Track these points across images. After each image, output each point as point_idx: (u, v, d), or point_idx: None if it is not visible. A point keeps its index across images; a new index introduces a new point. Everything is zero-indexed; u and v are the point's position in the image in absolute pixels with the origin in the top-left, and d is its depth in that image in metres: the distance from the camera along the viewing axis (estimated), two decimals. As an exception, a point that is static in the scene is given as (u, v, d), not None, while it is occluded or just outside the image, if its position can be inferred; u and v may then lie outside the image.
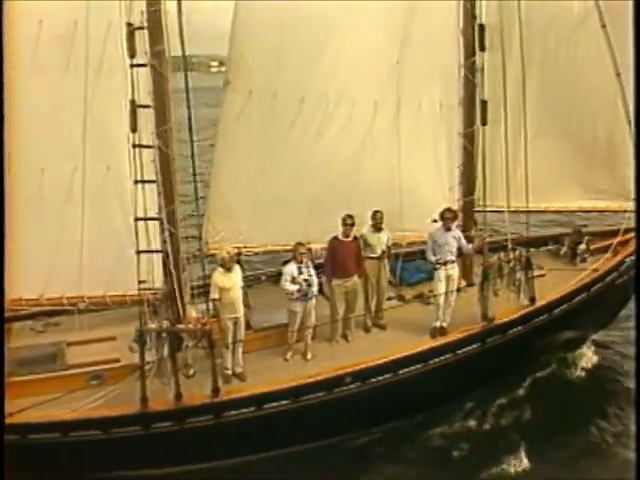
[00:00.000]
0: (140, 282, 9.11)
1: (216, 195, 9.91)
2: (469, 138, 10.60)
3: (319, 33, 9.56)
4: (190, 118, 8.36)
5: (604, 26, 10.38)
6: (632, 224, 10.81)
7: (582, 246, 11.38)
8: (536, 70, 10.38)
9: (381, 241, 9.98)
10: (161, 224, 9.33)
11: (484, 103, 9.90)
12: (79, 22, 8.58)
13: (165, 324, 8.53)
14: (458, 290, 10.21)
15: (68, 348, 9.28)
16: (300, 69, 9.63)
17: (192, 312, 9.17)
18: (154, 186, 9.15)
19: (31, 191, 8.93)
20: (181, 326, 8.55)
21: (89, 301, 9.58)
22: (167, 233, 9.23)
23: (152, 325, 8.45)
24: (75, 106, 8.76)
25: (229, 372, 8.98)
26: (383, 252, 10.05)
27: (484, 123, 9.90)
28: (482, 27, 10.25)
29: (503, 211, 10.39)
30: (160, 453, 8.55)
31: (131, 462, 8.50)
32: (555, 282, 10.61)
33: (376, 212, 9.89)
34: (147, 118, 8.93)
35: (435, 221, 10.18)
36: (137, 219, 8.54)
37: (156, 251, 9.05)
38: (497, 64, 10.07)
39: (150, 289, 9.39)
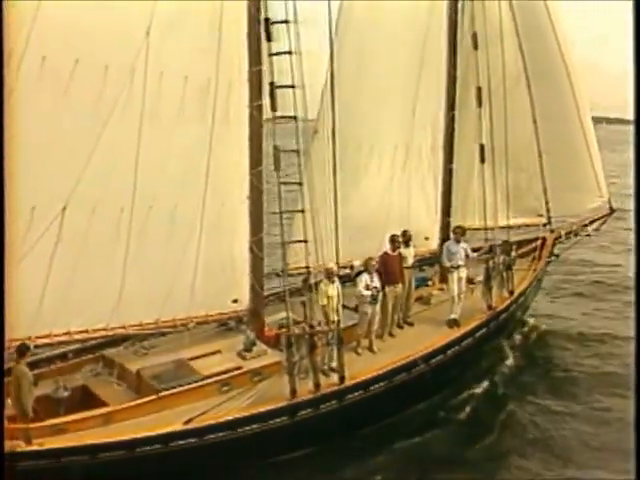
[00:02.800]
0: (234, 301, 10.86)
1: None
2: (448, 173, 13.72)
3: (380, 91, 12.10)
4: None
5: (529, 86, 14.16)
6: (542, 234, 14.83)
7: (512, 253, 14.93)
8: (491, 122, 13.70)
9: (411, 254, 12.63)
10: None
11: (482, 146, 13.05)
12: (211, 79, 10.19)
13: (306, 328, 10.25)
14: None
15: (192, 363, 10.52)
16: (366, 121, 12.00)
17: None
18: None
19: (164, 225, 10.21)
20: (319, 328, 10.36)
21: (195, 321, 10.93)
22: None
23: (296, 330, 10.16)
24: (202, 149, 10.31)
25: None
26: (412, 263, 12.70)
27: (482, 161, 13.04)
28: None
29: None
30: (302, 437, 10.24)
31: (282, 447, 10.08)
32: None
33: (405, 231, 12.55)
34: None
35: (427, 239, 13.15)
36: (284, 243, 10.20)
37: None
38: (468, 117, 13.41)
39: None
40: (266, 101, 10.58)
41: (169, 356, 10.58)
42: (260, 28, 10.39)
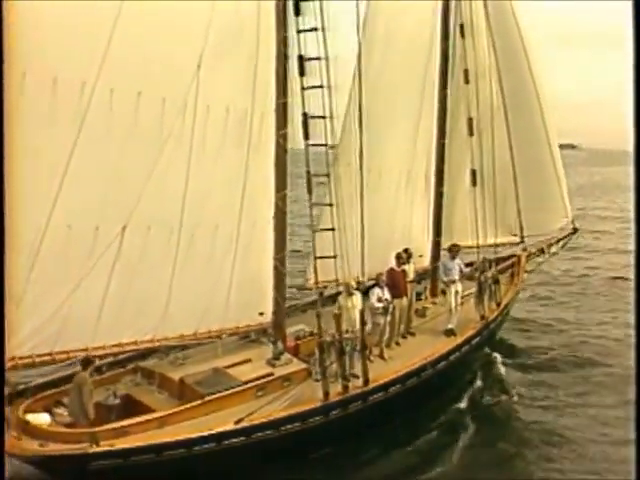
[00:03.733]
0: (260, 314, 11.89)
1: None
2: (439, 196, 15.07)
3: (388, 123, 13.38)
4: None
5: (506, 117, 15.68)
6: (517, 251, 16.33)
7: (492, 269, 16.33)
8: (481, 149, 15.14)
9: (412, 269, 13.85)
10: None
11: (473, 171, 14.44)
12: (247, 110, 11.24)
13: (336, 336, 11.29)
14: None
15: (228, 370, 11.40)
16: (376, 150, 13.21)
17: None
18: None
19: (206, 244, 11.17)
20: (347, 335, 11.41)
21: (227, 332, 11.86)
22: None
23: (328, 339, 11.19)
24: (239, 175, 11.33)
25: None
26: (413, 278, 13.93)
27: (474, 184, 14.42)
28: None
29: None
30: (333, 435, 11.24)
31: (316, 445, 11.05)
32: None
33: (407, 249, 13.77)
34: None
35: (421, 256, 14.45)
36: (316, 257, 11.24)
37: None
38: (457, 145, 14.85)
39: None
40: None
41: (204, 365, 11.36)
42: (287, 63, 11.45)
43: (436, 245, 15.44)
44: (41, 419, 9.78)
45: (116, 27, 9.36)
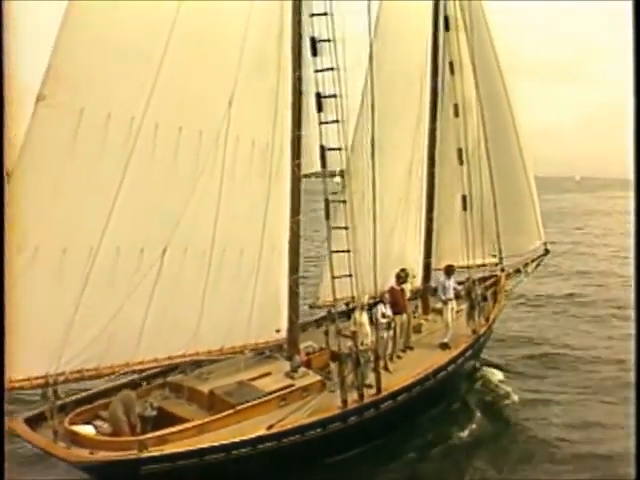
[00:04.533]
0: (277, 331, 12.89)
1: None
2: (429, 221, 16.31)
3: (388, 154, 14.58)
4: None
5: (487, 147, 17.05)
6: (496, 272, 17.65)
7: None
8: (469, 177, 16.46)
9: (409, 288, 14.98)
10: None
11: (464, 197, 15.70)
12: (269, 142, 12.30)
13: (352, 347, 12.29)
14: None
15: (253, 383, 12.28)
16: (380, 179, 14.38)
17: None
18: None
19: (233, 266, 12.12)
20: (362, 347, 12.42)
21: (249, 348, 12.77)
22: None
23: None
24: (262, 202, 12.36)
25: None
26: (410, 296, 15.06)
27: (465, 208, 15.67)
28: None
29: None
30: (351, 439, 12.18)
31: (336, 449, 11.99)
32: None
33: (404, 269, 14.90)
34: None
35: (414, 277, 15.64)
36: (334, 277, 12.25)
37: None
38: (445, 173, 16.15)
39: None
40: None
41: (228, 379, 12.18)
42: (302, 99, 12.56)
43: (426, 266, 16.60)
44: (87, 430, 10.51)
45: (162, 67, 10.32)
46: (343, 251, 12.21)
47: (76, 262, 10.04)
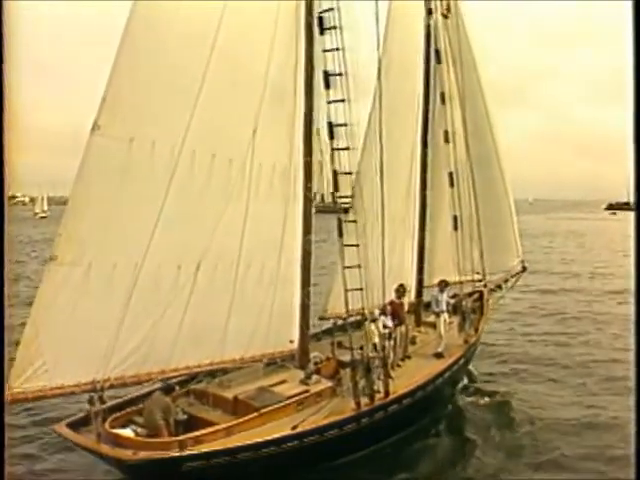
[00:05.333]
0: (291, 341, 13.97)
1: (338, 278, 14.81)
2: (422, 239, 17.60)
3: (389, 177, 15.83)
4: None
5: (472, 171, 18.44)
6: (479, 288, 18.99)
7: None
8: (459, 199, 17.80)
9: (406, 302, 16.19)
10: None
11: (455, 217, 17.02)
12: (287, 166, 13.44)
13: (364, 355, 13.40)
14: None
15: (272, 389, 13.28)
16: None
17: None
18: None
19: (255, 279, 13.17)
20: (372, 355, 13.54)
21: (267, 357, 13.80)
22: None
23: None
24: (280, 220, 13.47)
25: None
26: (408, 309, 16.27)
27: (456, 228, 16.98)
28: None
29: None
30: (363, 439, 13.25)
31: (350, 448, 13.03)
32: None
33: (402, 284, 16.12)
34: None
35: (409, 291, 16.88)
36: (347, 289, 13.38)
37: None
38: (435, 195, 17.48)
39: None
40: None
41: (248, 386, 13.11)
42: (312, 127, 13.73)
43: (419, 282, 17.84)
44: (126, 432, 11.43)
45: (198, 99, 11.44)
46: (354, 266, 13.30)
47: (123, 277, 11.02)
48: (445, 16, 17.44)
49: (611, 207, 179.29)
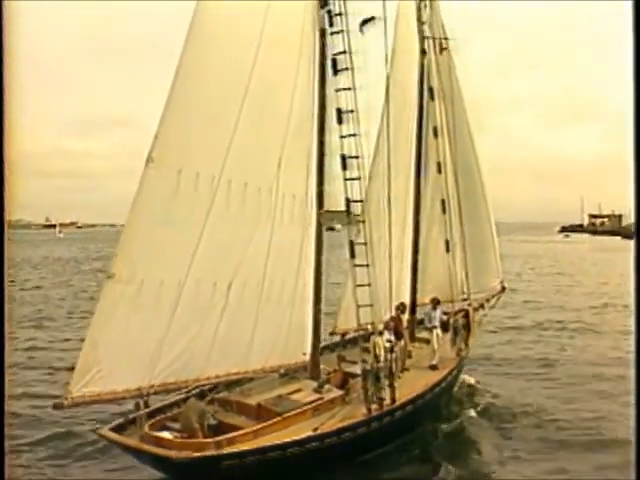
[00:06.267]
0: (304, 354, 15.37)
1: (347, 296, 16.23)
2: (415, 261, 19.17)
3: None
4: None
5: (459, 200, 20.12)
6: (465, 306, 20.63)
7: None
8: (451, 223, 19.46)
9: (404, 318, 17.69)
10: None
11: (447, 241, 18.63)
12: (304, 196, 14.89)
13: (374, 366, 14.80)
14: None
15: (290, 396, 14.59)
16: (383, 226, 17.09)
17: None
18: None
19: (277, 296, 14.53)
20: (381, 364, 14.95)
21: (284, 368, 15.15)
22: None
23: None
24: (298, 243, 14.90)
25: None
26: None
27: (447, 251, 18.58)
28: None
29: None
30: (373, 442, 14.63)
31: (362, 449, 14.40)
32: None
33: (402, 302, 17.64)
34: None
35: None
36: (359, 306, 14.83)
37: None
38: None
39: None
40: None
41: (266, 394, 14.37)
42: (324, 160, 15.22)
43: (413, 301, 19.37)
44: (166, 435, 12.65)
45: (235, 133, 12.91)
46: (365, 285, 14.77)
47: (169, 293, 12.34)
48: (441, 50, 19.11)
49: (564, 229, 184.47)
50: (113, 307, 11.86)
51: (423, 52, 19.25)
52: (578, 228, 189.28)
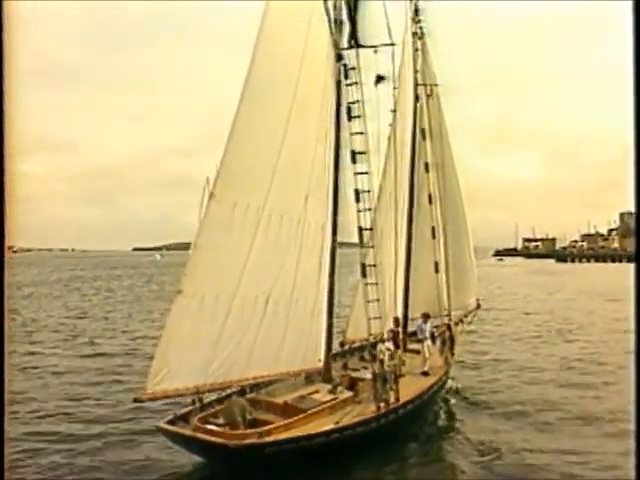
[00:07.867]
0: (319, 360, 17.89)
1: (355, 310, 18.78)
2: (407, 280, 21.86)
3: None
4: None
5: (445, 227, 22.91)
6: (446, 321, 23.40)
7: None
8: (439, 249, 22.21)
9: (400, 331, 20.32)
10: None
11: (436, 263, 21.35)
12: (324, 224, 17.47)
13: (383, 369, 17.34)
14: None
15: (311, 396, 17.01)
16: (387, 250, 19.71)
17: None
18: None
19: (301, 309, 17.02)
20: (387, 368, 17.48)
21: (304, 372, 17.61)
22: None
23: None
24: (318, 265, 17.43)
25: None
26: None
27: (437, 271, 21.30)
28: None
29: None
30: (382, 436, 17.08)
31: (373, 443, 16.83)
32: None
33: (396, 317, 20.26)
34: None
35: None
36: (369, 318, 17.40)
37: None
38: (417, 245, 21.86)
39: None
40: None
41: (289, 395, 16.68)
42: (338, 193, 17.80)
43: (405, 315, 22.04)
44: (214, 427, 14.94)
45: (276, 170, 15.47)
46: (375, 300, 17.36)
47: (223, 305, 14.74)
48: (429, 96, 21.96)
49: (498, 253, 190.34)
50: (181, 318, 14.20)
51: (416, 98, 22.03)
52: (512, 251, 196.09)
